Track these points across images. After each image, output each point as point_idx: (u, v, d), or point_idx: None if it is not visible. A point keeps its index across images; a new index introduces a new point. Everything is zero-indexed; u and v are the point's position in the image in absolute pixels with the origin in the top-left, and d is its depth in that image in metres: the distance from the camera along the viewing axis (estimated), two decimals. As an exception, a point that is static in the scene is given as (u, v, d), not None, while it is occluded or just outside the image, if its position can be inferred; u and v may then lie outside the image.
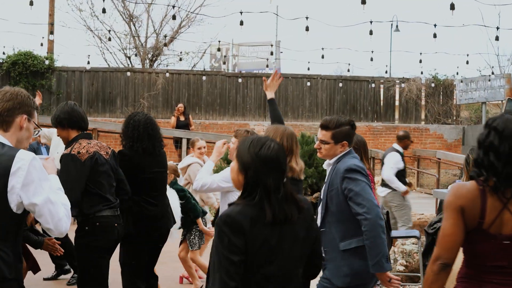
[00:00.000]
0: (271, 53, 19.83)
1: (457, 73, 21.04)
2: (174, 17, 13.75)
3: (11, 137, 3.02)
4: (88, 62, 19.70)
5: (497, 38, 12.94)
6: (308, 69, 20.39)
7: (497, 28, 12.69)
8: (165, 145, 5.65)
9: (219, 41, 19.98)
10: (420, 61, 18.48)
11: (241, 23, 12.17)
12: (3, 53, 19.41)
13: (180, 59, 22.84)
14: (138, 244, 5.29)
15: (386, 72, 21.02)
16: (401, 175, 9.02)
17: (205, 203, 7.40)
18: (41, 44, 19.93)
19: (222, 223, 2.60)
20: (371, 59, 17.93)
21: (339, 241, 3.96)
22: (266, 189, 2.65)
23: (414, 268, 7.62)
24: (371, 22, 12.17)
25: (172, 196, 6.06)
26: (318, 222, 4.06)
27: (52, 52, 20.59)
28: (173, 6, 12.21)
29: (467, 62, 18.77)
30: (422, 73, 20.78)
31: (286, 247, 2.69)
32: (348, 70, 20.94)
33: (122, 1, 23.70)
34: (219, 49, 20.64)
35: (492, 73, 20.75)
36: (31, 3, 11.88)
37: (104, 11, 12.71)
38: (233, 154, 5.08)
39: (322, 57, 17.68)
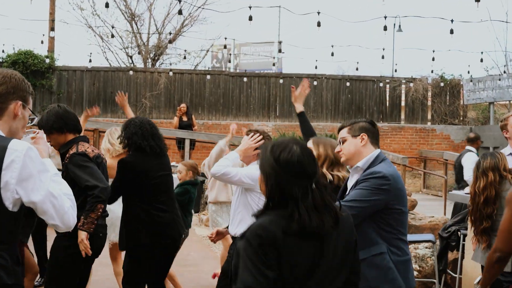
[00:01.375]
0: (280, 51, 19.52)
1: (468, 72, 20.77)
2: (180, 12, 13.48)
3: (3, 126, 2.70)
4: (90, 61, 19.47)
5: (516, 34, 12.64)
6: (316, 67, 20.15)
7: (516, 23, 12.41)
8: (168, 147, 5.42)
9: (226, 38, 19.78)
10: (433, 59, 18.22)
11: (250, 18, 12.03)
12: (2, 51, 19.15)
13: (185, 57, 22.62)
14: (148, 253, 5.02)
15: (395, 70, 20.78)
16: None
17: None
18: (42, 42, 19.67)
19: (253, 235, 2.31)
20: (383, 57, 17.62)
21: None
22: (293, 197, 2.37)
23: (427, 273, 7.33)
24: (385, 17, 11.88)
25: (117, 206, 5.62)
26: None
27: (52, 51, 20.31)
28: (179, 0, 11.95)
29: (482, 60, 18.48)
30: (432, 71, 20.53)
31: (323, 261, 2.40)
32: (357, 69, 20.69)
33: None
34: (225, 46, 20.39)
35: (504, 72, 20.43)
36: (31, -1, 11.71)
37: (107, 5, 12.49)
38: (245, 153, 4.83)
39: (332, 54, 17.46)
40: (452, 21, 12.10)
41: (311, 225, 2.33)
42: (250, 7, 11.95)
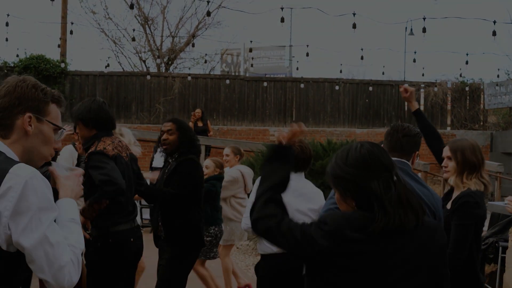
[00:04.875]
0: (307, 54, 19.17)
1: (498, 76, 20.37)
2: (208, 13, 13.22)
3: (13, 145, 2.17)
4: (108, 65, 19.26)
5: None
6: (341, 71, 19.84)
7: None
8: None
9: (251, 41, 19.57)
10: (467, 62, 17.87)
11: (282, 20, 11.85)
12: (17, 55, 18.95)
13: (205, 61, 22.34)
14: (192, 259, 4.97)
15: (422, 75, 20.55)
16: None
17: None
18: (58, 46, 19.52)
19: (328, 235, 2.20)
20: (414, 61, 17.25)
21: None
22: (374, 194, 2.14)
23: (463, 287, 6.92)
24: (424, 18, 11.48)
25: None
26: None
27: (64, 55, 20.07)
28: (208, 2, 11.71)
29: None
30: (461, 75, 20.13)
31: (409, 262, 2.17)
32: (383, 73, 20.47)
33: (137, 2, 23.19)
34: (251, 50, 20.15)
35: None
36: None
37: (131, 7, 12.29)
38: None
39: (362, 58, 17.16)
40: (494, 22, 11.65)
41: (395, 223, 2.13)
42: (282, 8, 11.70)
